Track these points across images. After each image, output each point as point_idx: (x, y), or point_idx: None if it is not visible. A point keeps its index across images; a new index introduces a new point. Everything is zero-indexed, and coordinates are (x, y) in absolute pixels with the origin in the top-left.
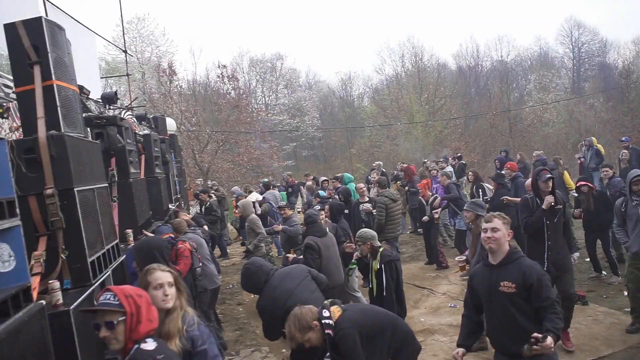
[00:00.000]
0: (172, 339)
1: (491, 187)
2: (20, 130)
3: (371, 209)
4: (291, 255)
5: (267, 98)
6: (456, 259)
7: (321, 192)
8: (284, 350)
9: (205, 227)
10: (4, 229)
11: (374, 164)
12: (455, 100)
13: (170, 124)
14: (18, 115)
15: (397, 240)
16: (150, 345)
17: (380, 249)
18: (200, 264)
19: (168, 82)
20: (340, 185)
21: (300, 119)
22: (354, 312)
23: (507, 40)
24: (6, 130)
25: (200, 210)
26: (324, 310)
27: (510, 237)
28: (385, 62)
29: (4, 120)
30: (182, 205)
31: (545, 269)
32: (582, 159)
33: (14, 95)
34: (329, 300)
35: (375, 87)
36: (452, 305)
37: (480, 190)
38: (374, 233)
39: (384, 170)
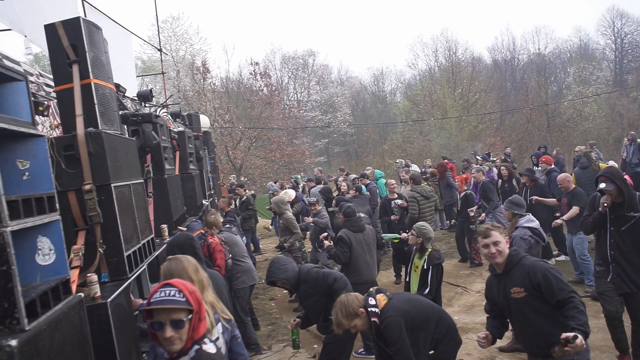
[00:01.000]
0: None
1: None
2: (60, 127)
3: (405, 203)
4: (327, 242)
5: (299, 94)
6: None
7: (363, 189)
8: (315, 345)
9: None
10: (44, 224)
11: (396, 161)
12: (491, 95)
13: (204, 121)
14: (58, 113)
15: None
16: (210, 347)
17: (429, 250)
18: (230, 257)
19: (202, 80)
20: (369, 182)
21: (333, 115)
22: (399, 300)
23: (545, 32)
24: (47, 127)
25: (236, 204)
26: (370, 298)
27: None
28: (418, 56)
29: (44, 118)
30: (217, 200)
31: (609, 280)
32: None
33: (54, 95)
34: (374, 288)
35: (408, 83)
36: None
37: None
38: (432, 235)
39: (407, 165)
